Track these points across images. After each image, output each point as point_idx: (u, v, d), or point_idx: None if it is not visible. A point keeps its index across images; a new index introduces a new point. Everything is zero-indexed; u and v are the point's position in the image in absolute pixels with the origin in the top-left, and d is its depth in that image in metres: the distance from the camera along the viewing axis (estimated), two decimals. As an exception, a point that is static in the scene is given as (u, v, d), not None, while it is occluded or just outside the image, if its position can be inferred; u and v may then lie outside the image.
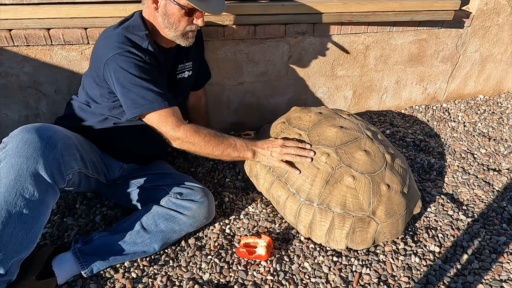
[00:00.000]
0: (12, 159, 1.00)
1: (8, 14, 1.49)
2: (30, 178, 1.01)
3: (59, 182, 1.09)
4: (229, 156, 1.33)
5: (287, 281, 1.24)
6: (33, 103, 1.70)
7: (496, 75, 2.50)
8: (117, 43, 1.18)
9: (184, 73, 1.48)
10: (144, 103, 1.18)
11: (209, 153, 1.30)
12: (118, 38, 1.20)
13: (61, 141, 1.09)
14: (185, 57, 1.47)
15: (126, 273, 1.25)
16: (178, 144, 1.27)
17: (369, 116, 2.26)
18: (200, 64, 1.62)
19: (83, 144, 1.26)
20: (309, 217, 1.34)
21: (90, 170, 1.27)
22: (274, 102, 2.05)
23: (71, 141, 1.15)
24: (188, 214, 1.30)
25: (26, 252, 1.05)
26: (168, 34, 1.27)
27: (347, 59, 2.03)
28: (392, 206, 1.34)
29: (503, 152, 1.94)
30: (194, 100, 1.77)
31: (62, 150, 1.08)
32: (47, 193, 1.05)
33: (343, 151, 1.38)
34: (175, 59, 1.43)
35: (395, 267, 1.29)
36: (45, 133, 1.06)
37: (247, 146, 1.35)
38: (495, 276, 1.26)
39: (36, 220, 1.04)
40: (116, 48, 1.18)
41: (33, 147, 1.02)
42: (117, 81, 1.18)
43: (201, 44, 1.60)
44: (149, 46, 1.23)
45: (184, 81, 1.50)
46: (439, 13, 1.95)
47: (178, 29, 1.24)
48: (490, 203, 1.59)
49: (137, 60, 1.18)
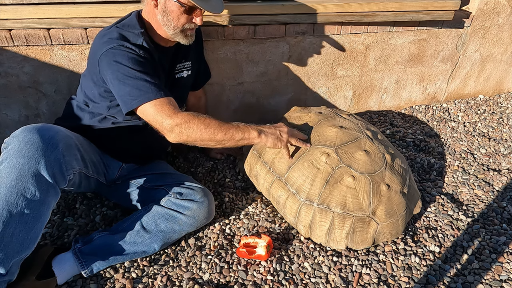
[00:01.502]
0: (14, 159, 1.01)
1: (8, 14, 1.49)
2: (32, 178, 1.01)
3: (60, 182, 1.09)
4: (233, 138, 1.21)
5: (287, 281, 1.24)
6: (33, 103, 1.70)
7: (496, 75, 2.50)
8: (111, 39, 1.19)
9: (182, 73, 1.48)
10: (139, 94, 1.14)
11: (211, 138, 1.19)
12: (112, 34, 1.20)
13: (63, 141, 1.09)
14: (183, 56, 1.47)
15: (126, 273, 1.25)
16: (177, 134, 1.16)
17: (369, 116, 2.26)
18: (199, 64, 1.62)
19: (84, 144, 1.26)
20: (309, 217, 1.34)
21: (90, 170, 1.28)
22: (274, 102, 2.05)
23: (72, 141, 1.15)
24: (188, 214, 1.30)
25: (27, 252, 1.05)
26: (167, 32, 1.27)
27: (347, 59, 2.03)
28: (392, 206, 1.34)
29: (503, 152, 1.94)
30: (194, 100, 1.77)
31: (63, 151, 1.08)
32: (48, 193, 1.05)
33: (343, 151, 1.38)
34: (174, 59, 1.43)
35: (395, 267, 1.29)
36: (46, 134, 1.06)
37: (251, 126, 1.26)
38: (495, 276, 1.26)
39: (37, 220, 1.04)
40: (109, 43, 1.17)
41: (35, 147, 1.02)
42: (112, 75, 1.16)
43: (200, 44, 1.60)
44: (143, 42, 1.23)
45: (183, 80, 1.50)
46: (439, 13, 1.95)
47: (177, 26, 1.24)
48: (490, 203, 1.59)
49: (131, 53, 1.17)
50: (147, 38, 1.25)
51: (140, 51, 1.19)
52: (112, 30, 1.22)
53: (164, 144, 1.58)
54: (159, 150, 1.60)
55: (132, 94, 1.15)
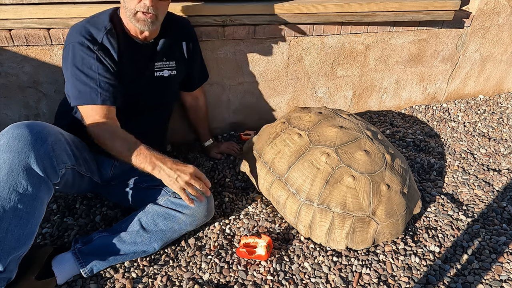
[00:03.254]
0: (4, 154, 1.01)
1: (8, 14, 1.49)
2: (23, 172, 1.01)
3: (52, 177, 1.09)
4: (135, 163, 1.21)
5: (287, 281, 1.24)
6: (33, 103, 1.70)
7: (496, 75, 2.50)
8: (74, 34, 1.25)
9: (163, 72, 1.45)
10: (78, 96, 1.23)
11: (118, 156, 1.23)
12: (77, 29, 1.25)
13: (51, 136, 1.09)
14: (165, 55, 1.44)
15: (126, 273, 1.25)
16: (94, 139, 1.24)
17: (369, 116, 2.26)
18: (190, 65, 1.58)
19: (75, 141, 1.26)
20: (309, 217, 1.34)
21: (83, 168, 1.27)
22: (274, 102, 2.05)
23: (61, 137, 1.16)
24: (188, 213, 1.30)
25: (23, 249, 1.05)
26: (127, 18, 1.28)
27: (347, 59, 2.03)
28: (392, 206, 1.34)
29: (503, 152, 1.94)
30: (191, 100, 1.77)
31: (53, 144, 1.08)
32: (40, 187, 1.05)
33: (343, 151, 1.38)
34: (153, 56, 1.41)
35: (395, 267, 1.29)
36: (35, 128, 1.06)
37: (151, 157, 1.20)
38: (495, 276, 1.26)
39: (31, 216, 1.04)
40: (71, 38, 1.24)
41: (24, 141, 1.02)
42: (64, 69, 1.26)
43: (192, 44, 1.54)
44: (103, 39, 1.25)
45: (163, 80, 1.47)
46: (439, 13, 1.95)
47: (129, 8, 1.23)
48: (490, 203, 1.59)
49: (85, 52, 1.22)
50: (113, 35, 1.27)
51: (95, 48, 1.23)
52: (81, 24, 1.27)
53: (157, 143, 1.58)
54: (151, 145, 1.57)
55: (73, 93, 1.24)
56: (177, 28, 1.46)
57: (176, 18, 1.49)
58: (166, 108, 1.61)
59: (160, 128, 1.64)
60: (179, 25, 1.48)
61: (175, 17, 1.49)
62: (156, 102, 1.50)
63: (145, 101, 1.46)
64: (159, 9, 1.24)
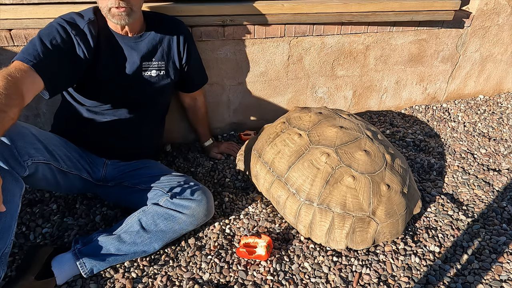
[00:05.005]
0: None
1: (8, 14, 1.49)
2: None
3: (18, 169, 1.08)
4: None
5: (287, 281, 1.24)
6: (33, 103, 1.70)
7: (496, 75, 2.50)
8: (57, 18, 1.26)
9: (150, 72, 1.43)
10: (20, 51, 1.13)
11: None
12: (62, 15, 1.28)
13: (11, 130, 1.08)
14: (154, 56, 1.42)
15: (126, 273, 1.25)
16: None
17: (369, 116, 2.26)
18: (187, 67, 1.55)
19: (51, 137, 1.26)
20: (309, 217, 1.34)
21: (65, 165, 1.27)
22: (274, 102, 2.05)
23: (26, 130, 1.15)
24: (188, 213, 1.30)
25: (1, 245, 1.00)
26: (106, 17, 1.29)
27: (347, 59, 2.03)
28: (392, 206, 1.34)
29: (503, 152, 1.94)
30: (189, 100, 1.76)
31: (13, 136, 1.08)
32: (5, 179, 1.02)
33: (343, 151, 1.38)
34: (138, 53, 1.39)
35: (395, 267, 1.29)
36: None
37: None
38: (495, 276, 1.26)
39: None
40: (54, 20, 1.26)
41: None
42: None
43: (186, 45, 1.51)
44: (85, 27, 1.26)
45: (151, 79, 1.44)
46: (439, 13, 1.95)
47: (102, 7, 1.24)
48: (490, 203, 1.59)
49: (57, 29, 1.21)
50: (95, 26, 1.29)
51: (73, 33, 1.24)
52: (67, 13, 1.29)
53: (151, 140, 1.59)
54: (145, 146, 1.57)
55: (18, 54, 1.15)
56: (168, 29, 1.44)
57: (168, 18, 1.48)
58: (156, 108, 1.56)
59: (151, 128, 1.58)
60: (170, 26, 1.46)
61: (168, 18, 1.48)
62: (143, 101, 1.47)
63: (132, 99, 1.43)
64: (131, 1, 1.23)
